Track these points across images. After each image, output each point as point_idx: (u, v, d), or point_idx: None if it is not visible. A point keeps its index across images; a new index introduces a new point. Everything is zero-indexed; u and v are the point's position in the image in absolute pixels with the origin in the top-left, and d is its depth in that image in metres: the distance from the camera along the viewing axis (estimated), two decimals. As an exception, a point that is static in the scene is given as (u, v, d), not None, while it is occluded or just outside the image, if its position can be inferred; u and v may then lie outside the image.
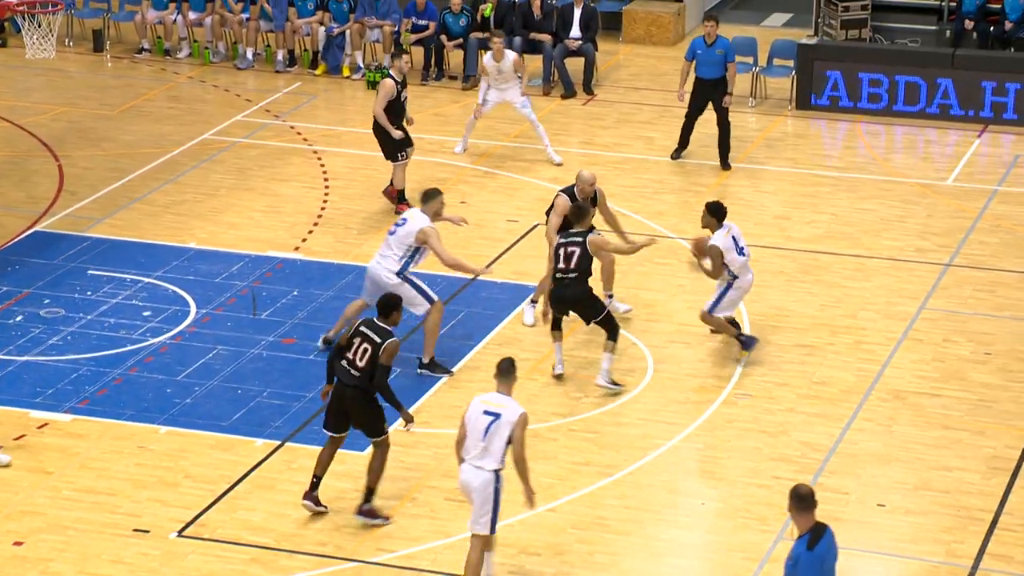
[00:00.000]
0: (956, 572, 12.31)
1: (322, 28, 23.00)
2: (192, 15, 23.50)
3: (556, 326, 14.89)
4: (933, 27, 23.24)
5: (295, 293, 16.50)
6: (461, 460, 11.76)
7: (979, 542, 12.61)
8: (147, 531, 12.72)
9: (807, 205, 18.81)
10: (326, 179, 19.46)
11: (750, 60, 21.85)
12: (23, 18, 17.60)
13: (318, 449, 13.01)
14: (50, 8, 17.65)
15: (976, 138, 20.80)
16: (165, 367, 15.09)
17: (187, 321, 15.93)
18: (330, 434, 12.81)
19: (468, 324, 15.94)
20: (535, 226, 18.07)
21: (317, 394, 14.32)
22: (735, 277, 14.96)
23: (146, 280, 16.72)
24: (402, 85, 18.07)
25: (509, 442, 11.56)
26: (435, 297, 15.01)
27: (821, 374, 15.08)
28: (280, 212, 18.35)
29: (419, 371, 14.95)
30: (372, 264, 15.03)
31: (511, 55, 19.88)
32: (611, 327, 14.67)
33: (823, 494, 11.19)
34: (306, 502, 12.87)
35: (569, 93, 22.19)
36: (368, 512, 12.78)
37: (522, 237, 17.86)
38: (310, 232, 18.00)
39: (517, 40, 22.21)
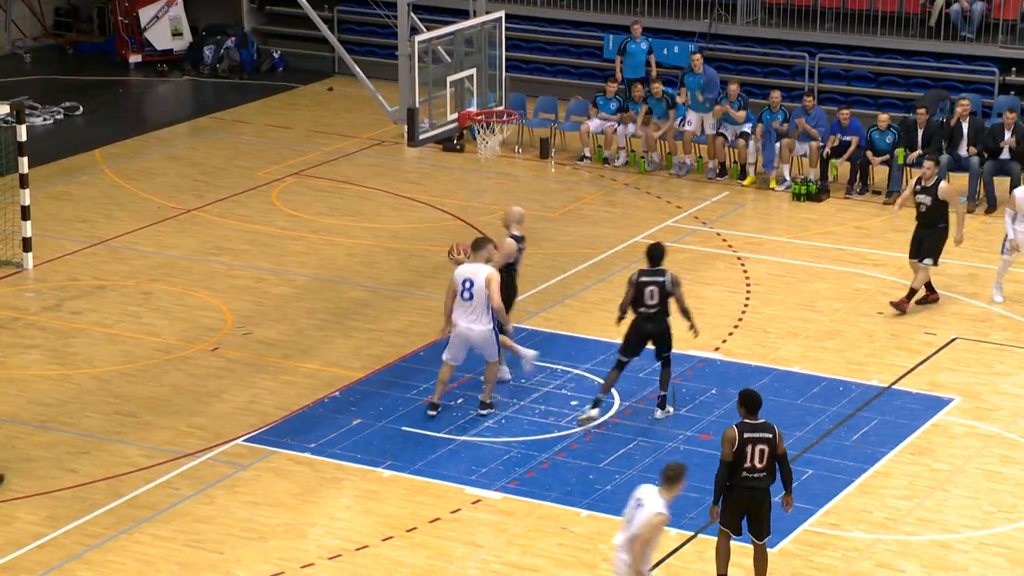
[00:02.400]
0: None
1: (752, 141, 23.87)
2: (631, 127, 24.77)
3: None
4: None
5: (713, 391, 17.22)
6: None
7: None
8: (567, 606, 13.59)
9: None
10: (748, 284, 20.21)
11: None
12: (480, 127, 19.13)
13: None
14: (505, 118, 19.13)
15: None
16: (589, 454, 16.00)
17: (611, 412, 16.86)
18: (729, 532, 13.48)
19: (880, 431, 16.27)
20: (953, 339, 18.31)
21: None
22: None
23: (575, 371, 17.80)
24: (919, 188, 18.98)
25: None
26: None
27: None
28: (703, 314, 18.89)
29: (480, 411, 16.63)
30: (469, 327, 16.38)
31: None
32: None
33: None
34: None
35: (993, 208, 22.28)
36: None
37: (940, 349, 18.09)
38: (730, 334, 18.72)
39: (945, 157, 22.46)
